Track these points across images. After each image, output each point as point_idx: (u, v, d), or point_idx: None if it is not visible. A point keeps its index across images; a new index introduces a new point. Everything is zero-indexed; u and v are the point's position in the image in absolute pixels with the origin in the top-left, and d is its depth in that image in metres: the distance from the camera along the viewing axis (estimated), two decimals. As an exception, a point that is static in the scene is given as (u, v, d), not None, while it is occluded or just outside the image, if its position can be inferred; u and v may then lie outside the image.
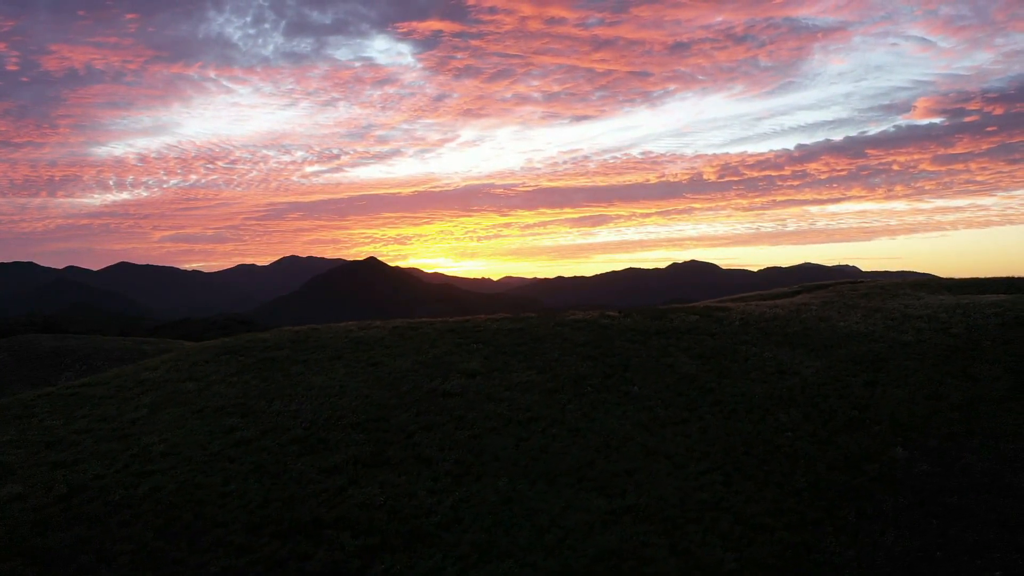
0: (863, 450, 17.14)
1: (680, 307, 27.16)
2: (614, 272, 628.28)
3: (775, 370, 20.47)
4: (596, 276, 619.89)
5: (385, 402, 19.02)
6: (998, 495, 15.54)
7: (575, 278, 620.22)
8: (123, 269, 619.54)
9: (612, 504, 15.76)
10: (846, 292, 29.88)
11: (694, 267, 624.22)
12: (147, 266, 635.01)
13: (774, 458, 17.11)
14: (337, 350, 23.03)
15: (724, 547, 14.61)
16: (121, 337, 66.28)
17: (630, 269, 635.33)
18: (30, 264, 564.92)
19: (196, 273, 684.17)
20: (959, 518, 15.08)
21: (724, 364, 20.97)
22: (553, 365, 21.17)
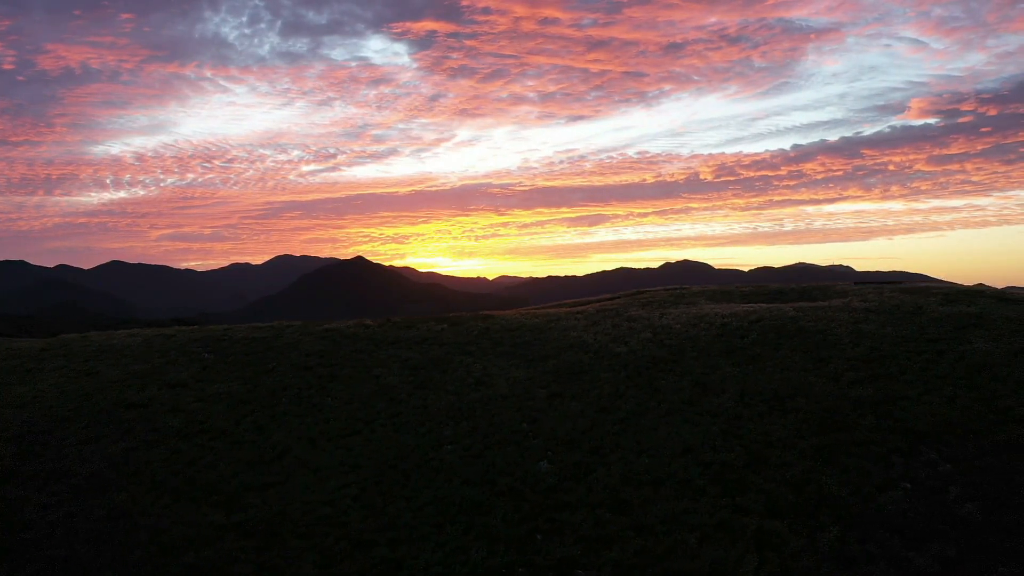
0: (508, 464, 17.03)
1: (434, 317, 27.05)
2: (606, 272, 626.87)
3: (475, 381, 20.32)
4: (588, 276, 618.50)
5: (63, 414, 18.94)
6: (608, 510, 15.43)
7: (567, 277, 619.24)
8: (114, 268, 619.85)
9: (228, 519, 15.68)
10: (636, 301, 29.66)
11: (687, 267, 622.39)
12: (139, 265, 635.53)
13: (419, 472, 17.02)
14: (73, 358, 22.95)
15: (317, 563, 14.56)
16: (34, 339, 66.10)
17: (622, 269, 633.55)
18: (21, 263, 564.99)
19: (189, 272, 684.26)
20: (562, 533, 14.98)
21: (431, 375, 20.84)
22: (263, 376, 21.08)
